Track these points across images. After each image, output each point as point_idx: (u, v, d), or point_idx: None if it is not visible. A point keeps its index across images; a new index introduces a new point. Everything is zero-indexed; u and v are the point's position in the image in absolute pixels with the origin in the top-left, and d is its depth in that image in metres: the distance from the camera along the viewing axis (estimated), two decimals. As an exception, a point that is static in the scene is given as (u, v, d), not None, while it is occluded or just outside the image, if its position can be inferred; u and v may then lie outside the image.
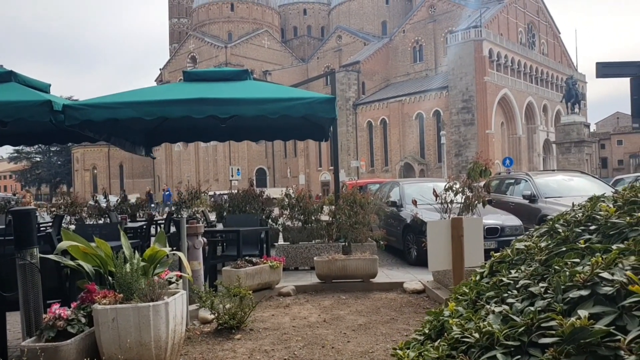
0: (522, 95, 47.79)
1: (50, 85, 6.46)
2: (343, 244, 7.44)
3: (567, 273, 1.08)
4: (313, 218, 8.02)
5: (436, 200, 5.64)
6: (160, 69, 69.47)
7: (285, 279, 6.06)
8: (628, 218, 1.33)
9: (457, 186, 5.62)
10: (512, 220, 7.93)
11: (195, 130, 7.69)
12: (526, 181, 9.87)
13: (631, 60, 9.16)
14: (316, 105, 5.14)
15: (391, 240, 8.76)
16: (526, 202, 9.22)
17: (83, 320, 3.10)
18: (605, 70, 8.98)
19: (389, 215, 9.25)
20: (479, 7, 48.13)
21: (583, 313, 0.93)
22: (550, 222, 1.66)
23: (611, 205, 1.49)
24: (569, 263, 1.16)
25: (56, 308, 3.04)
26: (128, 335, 3.04)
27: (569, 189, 9.44)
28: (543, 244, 1.46)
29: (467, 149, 43.91)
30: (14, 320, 3.96)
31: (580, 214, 1.58)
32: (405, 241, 8.49)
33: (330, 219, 7.95)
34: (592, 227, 1.43)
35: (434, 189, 5.67)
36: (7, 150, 72.64)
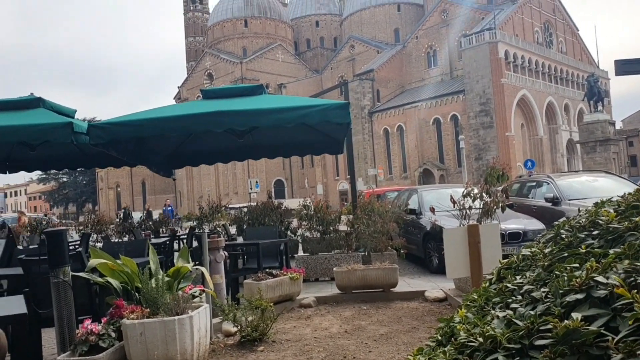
0: (541, 96, 47.07)
1: (76, 110, 6.73)
2: (362, 253, 7.47)
3: (565, 277, 1.13)
4: (331, 228, 8.07)
5: (454, 206, 5.63)
6: (178, 87, 70.97)
7: (306, 291, 6.11)
8: (627, 223, 1.35)
9: (475, 192, 5.61)
10: (534, 224, 7.82)
11: (214, 151, 7.91)
12: (548, 183, 9.72)
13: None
14: (330, 112, 5.24)
15: (411, 248, 8.72)
16: (549, 204, 9.08)
17: (113, 334, 3.22)
18: (625, 67, 8.85)
19: (408, 223, 9.23)
20: (493, 9, 47.82)
21: (577, 315, 0.97)
22: (556, 228, 1.69)
23: (611, 210, 1.52)
24: (569, 268, 1.20)
25: (88, 324, 3.18)
26: (155, 348, 3.14)
27: (594, 190, 9.23)
28: (547, 250, 1.49)
29: (487, 153, 43.36)
30: (48, 337, 4.12)
31: (584, 220, 1.61)
32: (426, 249, 8.45)
33: (349, 228, 7.99)
34: (595, 232, 1.46)
35: (451, 196, 5.66)
36: (36, 171, 75.19)
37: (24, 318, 2.18)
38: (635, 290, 0.94)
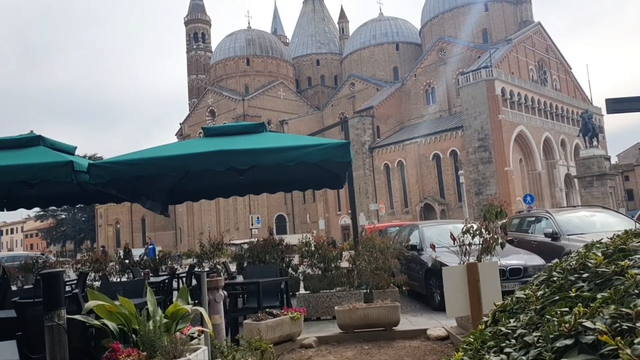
0: (538, 131, 47.66)
1: (76, 147, 6.81)
2: (364, 291, 7.39)
3: (556, 322, 1.14)
4: (333, 265, 8.02)
5: (454, 243, 5.63)
6: (180, 124, 71.97)
7: (307, 330, 6.02)
8: (613, 267, 1.38)
9: (475, 228, 5.61)
10: (535, 260, 7.79)
11: (215, 187, 7.97)
12: (547, 219, 9.75)
13: (643, 93, 9.23)
14: (331, 151, 5.31)
15: (413, 285, 8.64)
16: (548, 240, 9.07)
17: (108, 379, 3.15)
18: (616, 106, 9.05)
19: (410, 259, 9.17)
20: (488, 47, 49.14)
21: (565, 362, 0.99)
22: (549, 270, 1.71)
23: (599, 254, 1.54)
24: (559, 312, 1.21)
25: (83, 368, 3.12)
26: (152, 393, 3.07)
27: (592, 224, 9.29)
28: (540, 293, 1.51)
29: (487, 187, 43.49)
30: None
31: (574, 262, 1.63)
32: (428, 285, 8.36)
33: (351, 265, 7.93)
34: (585, 275, 1.48)
35: (451, 232, 5.67)
36: (34, 209, 74.81)
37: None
38: (620, 337, 0.96)
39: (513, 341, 1.27)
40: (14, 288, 7.32)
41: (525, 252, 8.25)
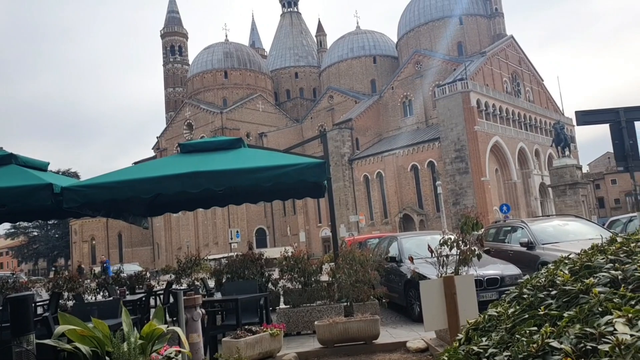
0: (513, 142, 48.81)
1: (48, 163, 6.68)
2: (345, 304, 7.37)
3: (524, 342, 1.17)
4: (313, 279, 7.98)
5: (432, 255, 5.69)
6: (157, 137, 71.04)
7: (287, 345, 5.96)
8: (579, 285, 1.42)
9: (452, 240, 5.68)
10: (511, 270, 7.92)
11: (195, 198, 7.87)
12: (522, 228, 9.95)
13: (610, 107, 9.56)
14: (307, 171, 5.33)
15: (393, 296, 8.67)
16: (524, 249, 9.25)
17: (81, 405, 3.06)
18: (585, 118, 9.36)
19: (389, 271, 9.21)
20: (463, 60, 50.32)
21: (532, 382, 1.01)
22: (520, 287, 1.75)
23: (566, 271, 1.59)
24: (528, 332, 1.24)
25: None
26: (126, 419, 2.99)
27: (566, 233, 9.53)
28: (511, 311, 1.54)
29: (464, 197, 44.18)
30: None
31: (543, 279, 1.67)
32: (408, 297, 8.41)
33: (331, 278, 7.91)
34: (553, 292, 1.52)
35: (428, 245, 5.73)
36: (4, 226, 72.47)
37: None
38: (584, 357, 0.99)
39: (485, 360, 1.29)
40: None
41: (501, 262, 8.39)
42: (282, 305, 8.30)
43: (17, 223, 64.45)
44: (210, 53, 67.85)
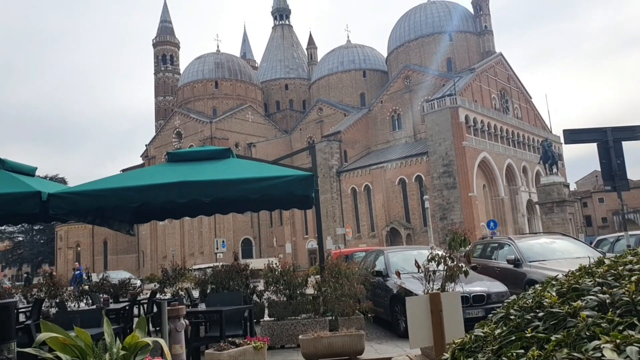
0: (501, 158, 49.42)
1: (36, 168, 6.62)
2: (330, 318, 7.33)
3: (510, 365, 1.18)
4: (298, 292, 7.93)
5: (418, 271, 5.70)
6: (146, 145, 70.53)
7: (271, 359, 5.90)
8: (567, 307, 1.43)
9: (439, 256, 5.71)
10: (498, 287, 7.96)
11: (181, 206, 7.81)
12: (509, 245, 10.03)
13: (598, 126, 9.75)
14: (295, 183, 5.34)
15: (379, 311, 8.64)
16: (511, 266, 9.31)
17: (59, 418, 2.99)
18: (573, 137, 9.53)
19: (375, 285, 9.19)
20: (453, 76, 51.04)
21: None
22: (506, 308, 1.76)
23: (554, 293, 1.60)
24: (515, 354, 1.25)
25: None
26: None
27: (553, 251, 9.61)
28: (498, 332, 1.55)
29: (451, 212, 44.47)
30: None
31: (530, 300, 1.69)
32: (393, 312, 8.38)
33: (316, 292, 7.87)
34: (540, 314, 1.53)
35: (415, 260, 5.74)
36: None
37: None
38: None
39: (470, 382, 1.29)
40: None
41: (488, 279, 8.42)
42: (266, 318, 8.23)
43: (3, 228, 63.38)
44: (202, 63, 67.95)
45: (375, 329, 8.60)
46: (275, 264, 8.51)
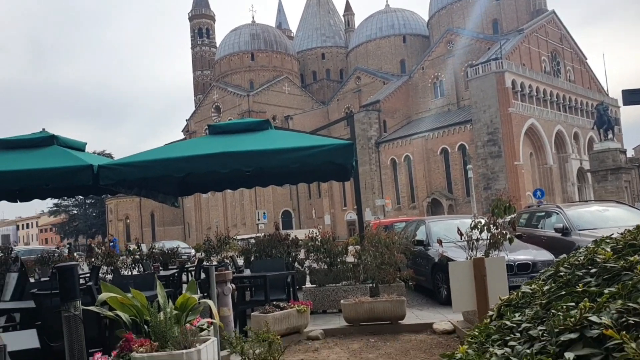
0: (550, 125, 47.16)
1: (86, 143, 6.95)
2: (370, 285, 7.42)
3: (561, 316, 1.15)
4: (339, 260, 8.05)
5: (461, 238, 5.63)
6: (186, 120, 72.17)
7: (314, 323, 6.07)
8: (622, 262, 1.38)
9: (483, 223, 5.60)
10: (544, 255, 7.75)
11: (223, 179, 8.02)
12: (557, 214, 9.67)
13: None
14: (334, 152, 5.33)
15: (420, 279, 8.65)
16: (559, 235, 9.01)
17: (122, 368, 3.23)
18: (633, 97, 8.92)
19: (416, 254, 9.18)
20: (499, 39, 48.58)
21: (569, 355, 1.00)
22: (556, 265, 1.71)
23: (609, 249, 1.54)
24: (565, 307, 1.23)
25: (98, 357, 3.19)
26: (163, 384, 3.14)
27: (605, 219, 9.16)
28: (546, 288, 1.52)
29: (495, 182, 43.23)
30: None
31: (582, 258, 1.63)
32: (435, 280, 8.38)
33: (356, 260, 7.96)
34: (593, 271, 1.49)
35: (458, 228, 5.67)
36: (47, 204, 76.54)
37: (36, 353, 2.22)
38: (626, 332, 0.97)
39: (518, 335, 1.29)
40: (31, 280, 7.48)
41: (534, 248, 8.22)
42: (308, 285, 8.43)
43: (59, 202, 67.72)
44: (237, 35, 67.93)
45: (416, 296, 8.64)
46: (315, 233, 8.65)
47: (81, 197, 63.19)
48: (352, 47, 66.19)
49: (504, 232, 5.34)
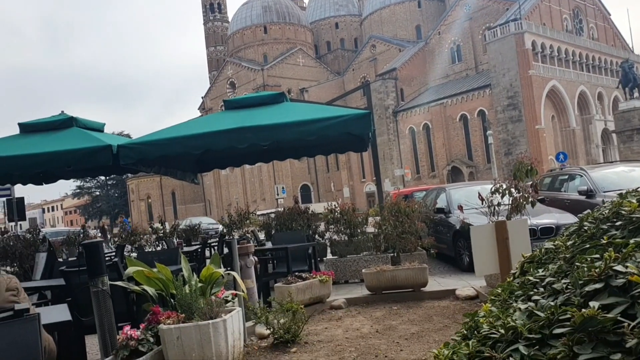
0: (572, 85, 45.64)
1: (105, 124, 7.03)
2: (391, 254, 7.45)
3: (585, 268, 1.13)
4: (359, 231, 8.08)
5: (482, 204, 5.57)
6: (202, 97, 72.30)
7: (336, 292, 6.15)
8: (649, 213, 1.34)
9: (504, 187, 5.52)
10: (568, 218, 7.61)
11: (241, 154, 8.05)
12: (581, 176, 9.46)
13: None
14: (351, 122, 5.27)
15: (442, 247, 8.64)
16: (583, 197, 8.83)
17: (151, 339, 3.35)
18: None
19: (437, 222, 9.15)
20: (517, -1, 46.76)
21: (594, 304, 0.98)
22: (580, 221, 1.67)
23: (634, 201, 1.49)
24: (589, 259, 1.20)
25: (128, 330, 3.32)
26: (192, 352, 3.25)
27: (631, 180, 8.89)
28: (570, 243, 1.49)
29: (516, 147, 42.37)
30: (91, 343, 4.30)
31: (607, 211, 1.59)
32: (457, 247, 8.35)
33: (376, 230, 7.97)
34: (618, 223, 1.44)
35: (479, 193, 5.59)
36: (70, 187, 78.69)
37: (69, 325, 2.31)
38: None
39: (541, 289, 1.27)
40: (59, 260, 7.74)
41: (557, 211, 8.08)
42: (329, 256, 8.51)
43: (82, 184, 69.42)
44: (249, 8, 66.98)
45: (438, 264, 8.66)
46: (334, 205, 8.66)
47: (102, 178, 64.61)
48: (366, 15, 64.65)
49: (526, 195, 5.25)
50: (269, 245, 7.93)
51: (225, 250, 8.85)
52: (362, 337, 4.26)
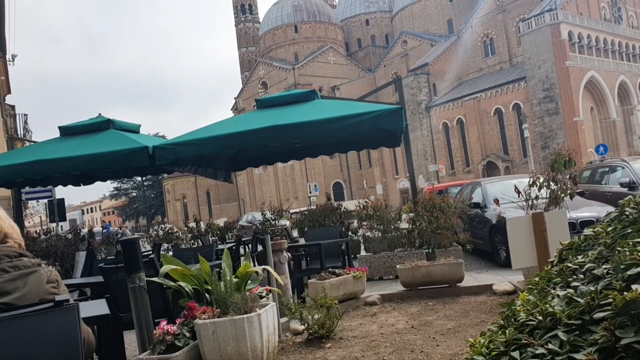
0: (612, 76, 43.70)
1: (140, 125, 7.25)
2: (426, 250, 7.34)
3: (627, 252, 1.08)
4: (392, 227, 8.00)
5: (519, 196, 5.41)
6: (234, 98, 73.40)
7: (370, 289, 6.12)
8: (694, 197, 1.26)
9: (541, 180, 5.35)
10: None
11: (273, 152, 8.14)
12: (623, 168, 9.08)
13: None
14: (383, 118, 5.23)
15: (478, 242, 8.46)
16: (625, 190, 8.46)
17: (187, 334, 3.44)
18: None
19: (473, 217, 8.96)
20: (552, -12, 45.11)
21: (636, 287, 0.94)
22: (621, 207, 1.60)
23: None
24: (631, 243, 1.14)
25: (164, 325, 3.41)
26: (227, 346, 3.31)
27: (678, 170, 8.52)
28: (610, 229, 1.42)
29: (554, 140, 40.93)
30: (128, 339, 4.45)
31: (650, 196, 1.51)
32: (493, 242, 8.16)
33: (410, 226, 7.87)
34: (662, 208, 1.38)
35: (515, 186, 5.44)
36: (108, 188, 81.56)
37: (107, 319, 2.40)
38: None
39: (581, 276, 1.22)
40: (98, 258, 8.05)
41: (598, 204, 7.77)
42: (363, 253, 8.47)
43: (119, 185, 71.83)
44: (280, 8, 67.48)
45: (474, 260, 8.49)
46: (366, 201, 8.61)
47: (139, 179, 66.57)
48: (397, 11, 63.95)
49: (565, 187, 5.06)
50: (302, 241, 7.97)
51: (260, 247, 8.98)
52: (398, 333, 4.22)
